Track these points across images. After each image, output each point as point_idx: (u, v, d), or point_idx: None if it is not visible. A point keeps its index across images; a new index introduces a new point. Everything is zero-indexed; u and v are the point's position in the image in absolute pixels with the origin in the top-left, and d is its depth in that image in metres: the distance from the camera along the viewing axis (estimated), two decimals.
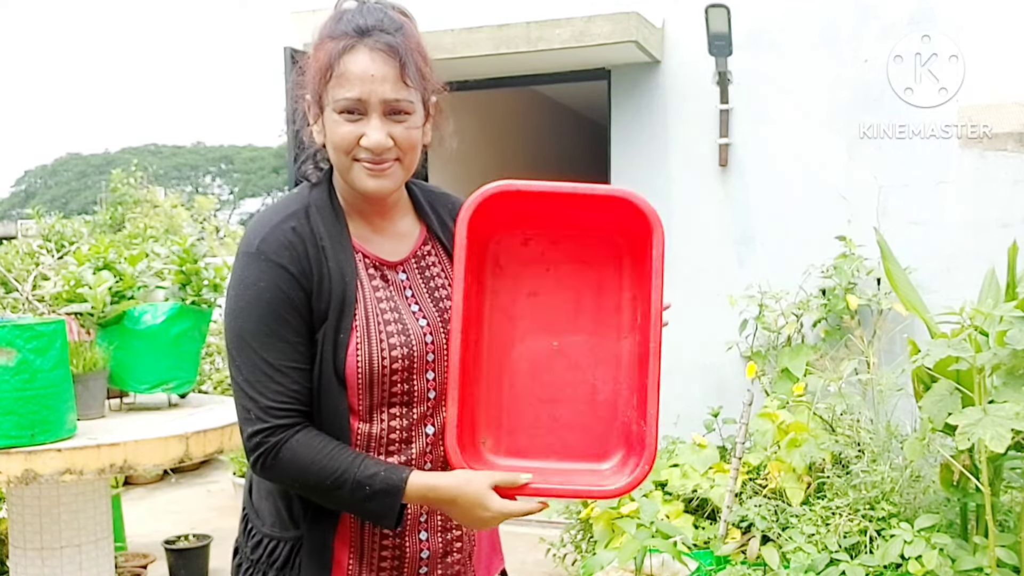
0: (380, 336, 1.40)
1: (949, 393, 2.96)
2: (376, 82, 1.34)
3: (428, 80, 1.42)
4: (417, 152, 1.43)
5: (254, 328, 1.36)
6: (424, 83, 1.40)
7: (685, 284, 4.80)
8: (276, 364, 1.36)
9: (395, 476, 1.35)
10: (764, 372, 4.37)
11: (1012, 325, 2.84)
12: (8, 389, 2.38)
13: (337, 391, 1.39)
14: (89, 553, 2.83)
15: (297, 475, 1.36)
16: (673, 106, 4.82)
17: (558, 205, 1.45)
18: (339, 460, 1.35)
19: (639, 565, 3.31)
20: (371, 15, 1.37)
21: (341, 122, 1.36)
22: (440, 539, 1.49)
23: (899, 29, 4.41)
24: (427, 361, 1.45)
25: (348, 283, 1.40)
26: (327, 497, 1.38)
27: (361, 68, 1.34)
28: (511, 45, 4.52)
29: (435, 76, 1.44)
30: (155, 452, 2.60)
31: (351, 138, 1.36)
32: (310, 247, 1.39)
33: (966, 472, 3.04)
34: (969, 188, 4.36)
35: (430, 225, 1.54)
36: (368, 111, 1.35)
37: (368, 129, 1.35)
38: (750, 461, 3.83)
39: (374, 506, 1.35)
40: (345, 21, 1.38)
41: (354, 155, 1.37)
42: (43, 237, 6.26)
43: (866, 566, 3.18)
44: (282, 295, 1.36)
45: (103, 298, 2.88)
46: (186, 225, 9.42)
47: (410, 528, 1.46)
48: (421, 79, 1.39)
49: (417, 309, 1.46)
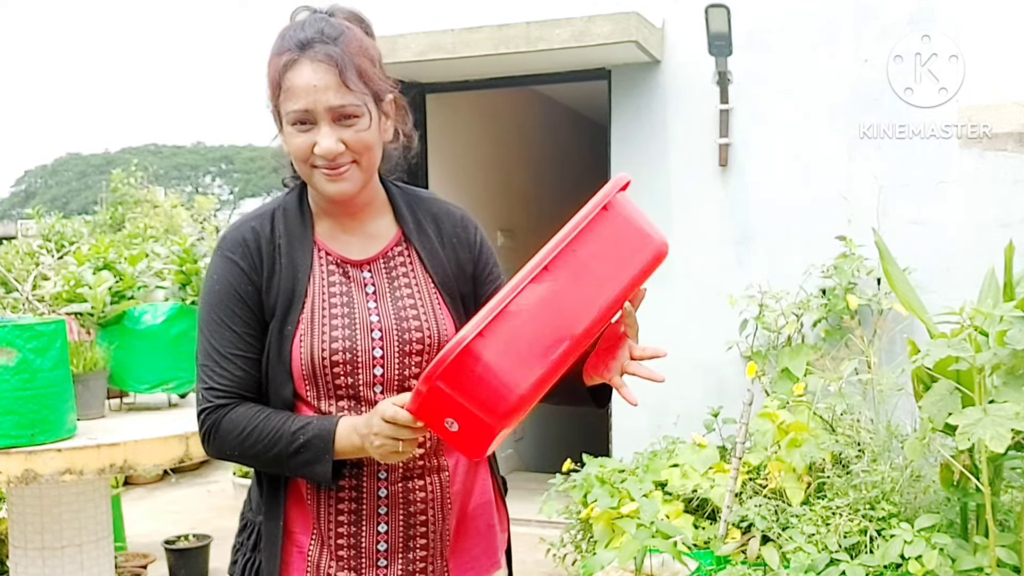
0: (323, 329, 1.46)
1: (949, 393, 2.96)
2: (319, 92, 1.40)
3: (375, 81, 1.45)
4: (373, 152, 1.47)
5: (206, 316, 1.49)
6: (370, 85, 1.44)
7: (685, 284, 4.80)
8: (223, 351, 1.47)
9: (326, 421, 1.43)
10: (764, 372, 4.37)
11: (1012, 325, 2.84)
12: (8, 389, 2.38)
13: (284, 381, 1.47)
14: (89, 553, 2.83)
15: (237, 444, 1.45)
16: (673, 106, 4.82)
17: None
18: (272, 420, 1.44)
19: (639, 565, 3.31)
20: (311, 27, 1.43)
21: (295, 133, 1.44)
22: (400, 533, 1.50)
23: (899, 29, 4.41)
24: (374, 356, 1.47)
25: (299, 279, 1.49)
26: (269, 460, 1.45)
27: (304, 80, 1.40)
28: (511, 45, 4.52)
29: (384, 75, 1.48)
30: (155, 452, 2.60)
31: (305, 147, 1.43)
32: (264, 244, 1.50)
33: (966, 472, 3.04)
34: (969, 188, 4.36)
35: (406, 228, 1.57)
36: (317, 120, 1.42)
37: (319, 137, 1.41)
38: (750, 461, 3.82)
39: (309, 455, 1.41)
40: (287, 37, 1.44)
41: (311, 162, 1.44)
42: (43, 237, 6.27)
43: (866, 566, 3.18)
44: (231, 288, 1.48)
45: (103, 298, 2.89)
46: (186, 225, 9.41)
47: (367, 518, 1.49)
48: (365, 82, 1.43)
49: (374, 306, 1.50)
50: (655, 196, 4.85)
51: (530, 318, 1.29)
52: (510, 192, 6.72)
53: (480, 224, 1.63)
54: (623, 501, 3.68)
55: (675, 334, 4.81)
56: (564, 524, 4.00)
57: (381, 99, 1.47)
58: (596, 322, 1.35)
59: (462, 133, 5.99)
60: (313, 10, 1.48)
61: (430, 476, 1.52)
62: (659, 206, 4.85)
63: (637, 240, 1.38)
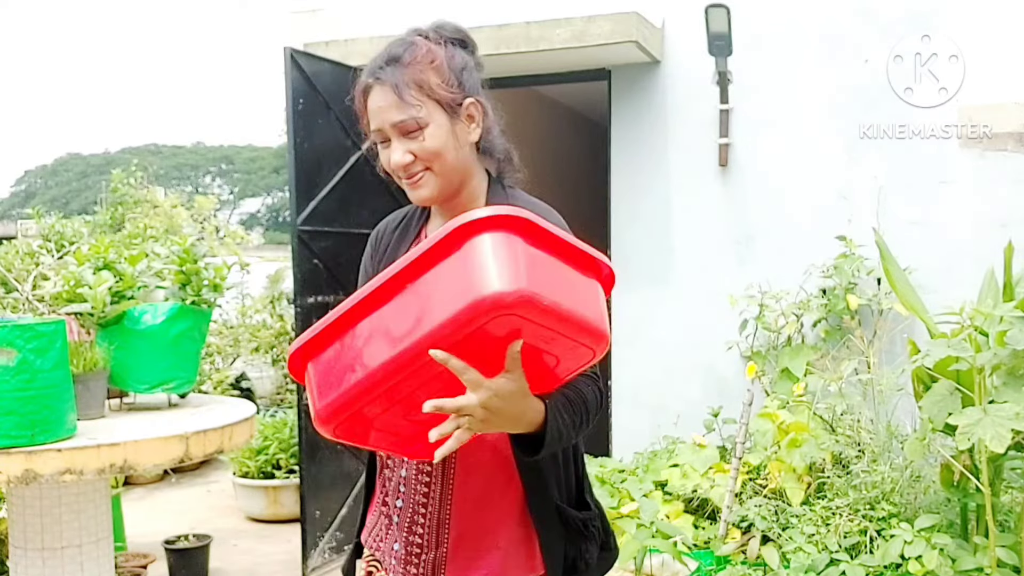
0: None
1: (949, 393, 2.96)
2: (384, 112, 1.53)
3: (439, 90, 1.53)
4: (444, 157, 1.53)
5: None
6: (434, 94, 1.52)
7: (685, 284, 4.80)
8: None
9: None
10: (764, 372, 4.37)
11: (1012, 325, 2.84)
12: (8, 389, 2.38)
13: None
14: (89, 553, 2.83)
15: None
16: (673, 106, 4.82)
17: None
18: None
19: (639, 565, 3.31)
20: (383, 54, 1.57)
21: (380, 150, 1.58)
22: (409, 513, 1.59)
23: (899, 29, 4.42)
24: None
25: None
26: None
27: (373, 104, 1.55)
28: (511, 45, 4.52)
29: (459, 82, 1.56)
30: (155, 452, 2.60)
31: (386, 162, 1.57)
32: (386, 236, 1.70)
33: (966, 472, 3.04)
34: (969, 188, 4.36)
35: None
36: (389, 136, 1.54)
37: (391, 152, 1.54)
38: (750, 461, 3.82)
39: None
40: (368, 66, 1.59)
41: (397, 174, 1.57)
42: (43, 237, 6.26)
43: (866, 566, 3.18)
44: (363, 271, 1.72)
45: (103, 298, 2.88)
46: (186, 225, 9.40)
47: (392, 491, 1.64)
48: (427, 94, 1.52)
49: None
50: (655, 196, 4.85)
51: (348, 342, 1.30)
52: None
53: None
54: (623, 501, 3.69)
55: (675, 334, 4.81)
56: None
57: (452, 106, 1.54)
58: (393, 364, 1.25)
59: None
60: (417, 30, 1.63)
61: (438, 471, 1.54)
62: (659, 206, 4.85)
63: (464, 286, 1.22)
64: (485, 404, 1.27)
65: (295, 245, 4.32)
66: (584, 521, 1.56)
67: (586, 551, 1.56)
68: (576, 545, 1.55)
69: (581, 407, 1.44)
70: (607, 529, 1.63)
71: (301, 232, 4.32)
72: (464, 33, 1.65)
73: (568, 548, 1.55)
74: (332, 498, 4.48)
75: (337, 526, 4.52)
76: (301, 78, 4.37)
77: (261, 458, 5.32)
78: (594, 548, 1.58)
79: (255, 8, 69.22)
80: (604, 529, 1.62)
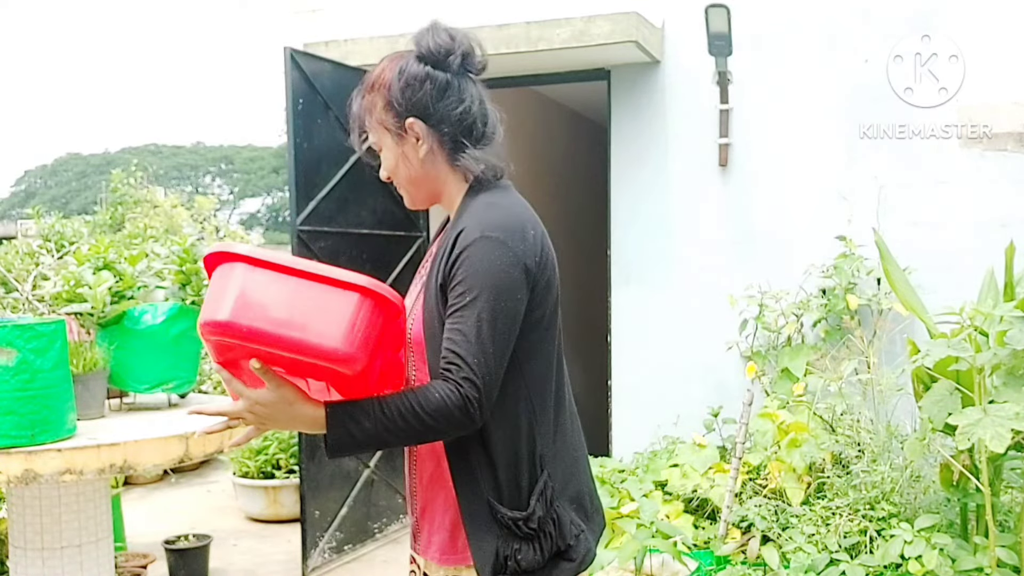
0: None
1: (949, 393, 2.96)
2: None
3: (383, 113, 1.64)
4: (398, 175, 1.68)
5: None
6: (380, 117, 1.65)
7: (685, 284, 4.80)
8: None
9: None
10: (764, 372, 4.37)
11: (1012, 325, 2.84)
12: (8, 389, 2.38)
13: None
14: (89, 553, 2.83)
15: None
16: (673, 106, 4.82)
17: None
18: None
19: (639, 565, 3.31)
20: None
21: None
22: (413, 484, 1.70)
23: (899, 29, 4.42)
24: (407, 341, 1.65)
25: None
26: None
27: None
28: (511, 45, 4.52)
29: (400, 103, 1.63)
30: (155, 452, 2.60)
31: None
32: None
33: (966, 472, 3.04)
34: (969, 188, 4.36)
35: (442, 230, 1.76)
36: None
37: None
38: (750, 461, 3.82)
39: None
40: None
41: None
42: (43, 237, 6.26)
43: (866, 566, 3.18)
44: None
45: (103, 298, 2.89)
46: (186, 225, 9.41)
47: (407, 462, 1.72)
48: (376, 119, 1.65)
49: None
50: (655, 196, 4.85)
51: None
52: None
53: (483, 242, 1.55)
54: (623, 501, 3.69)
55: (675, 334, 4.81)
56: None
57: (394, 129, 1.64)
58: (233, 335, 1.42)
59: None
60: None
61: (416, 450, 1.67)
62: (659, 206, 4.85)
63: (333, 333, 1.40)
64: (249, 410, 1.49)
65: (295, 245, 4.32)
66: (515, 520, 1.56)
67: (519, 551, 1.56)
68: (509, 544, 1.56)
69: (400, 412, 1.48)
70: (569, 537, 1.60)
71: (301, 232, 4.32)
72: (441, 43, 1.68)
73: (500, 545, 1.57)
74: (332, 498, 4.48)
75: (337, 526, 4.52)
76: (301, 78, 4.37)
77: (261, 458, 5.32)
78: (531, 551, 1.57)
79: (255, 8, 69.30)
80: (562, 536, 1.59)
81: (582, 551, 1.62)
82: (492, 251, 1.53)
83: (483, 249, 1.53)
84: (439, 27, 1.71)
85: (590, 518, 1.67)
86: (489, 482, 1.57)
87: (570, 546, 1.60)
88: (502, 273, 1.52)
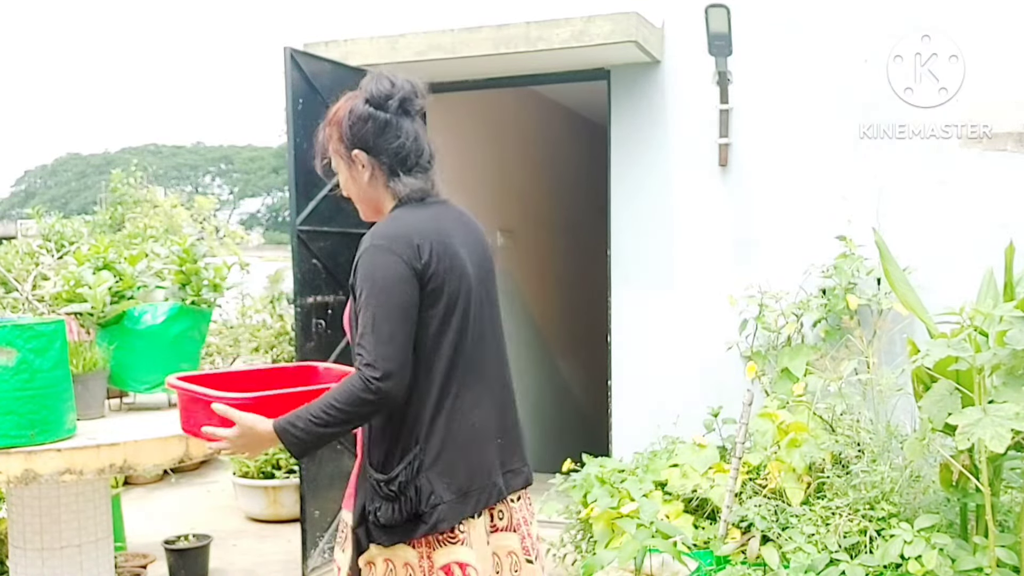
0: None
1: (949, 393, 2.96)
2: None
3: (335, 143, 2.06)
4: (350, 193, 2.09)
5: None
6: (335, 146, 2.06)
7: (685, 284, 4.80)
8: None
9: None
10: (764, 372, 4.37)
11: (1012, 325, 2.84)
12: (8, 389, 2.38)
13: None
14: (89, 553, 2.83)
15: None
16: (673, 106, 4.82)
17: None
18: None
19: (639, 565, 3.31)
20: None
21: None
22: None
23: (899, 29, 4.42)
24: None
25: None
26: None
27: None
28: (511, 45, 4.52)
29: (347, 135, 2.03)
30: (155, 452, 2.60)
31: None
32: None
33: (966, 472, 3.04)
34: (969, 188, 4.36)
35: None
36: None
37: None
38: (750, 461, 3.82)
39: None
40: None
41: None
42: (43, 237, 6.26)
43: (866, 566, 3.18)
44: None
45: (103, 298, 2.89)
46: (186, 225, 9.40)
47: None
48: (332, 146, 2.07)
49: None
50: (655, 196, 4.85)
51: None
52: (509, 192, 6.71)
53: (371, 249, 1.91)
54: (623, 501, 3.69)
55: (675, 334, 4.81)
56: (564, 524, 4.00)
57: (344, 156, 2.05)
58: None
59: (462, 133, 5.98)
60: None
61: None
62: (659, 206, 4.85)
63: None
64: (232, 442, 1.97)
65: (295, 245, 4.32)
66: (379, 482, 1.91)
67: (379, 508, 1.91)
68: (373, 500, 1.93)
69: (322, 410, 1.85)
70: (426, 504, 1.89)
71: (301, 232, 4.32)
72: (382, 89, 2.03)
73: (367, 500, 1.94)
74: (332, 498, 4.48)
75: (337, 526, 4.52)
76: (301, 78, 4.37)
77: (261, 458, 5.32)
78: (389, 509, 1.90)
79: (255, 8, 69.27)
80: (419, 501, 1.89)
81: (436, 518, 1.90)
82: (376, 256, 1.89)
83: (370, 255, 1.90)
84: (383, 76, 2.06)
85: (464, 495, 1.93)
86: (371, 449, 1.95)
87: (426, 512, 1.89)
88: (385, 272, 1.87)
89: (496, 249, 6.50)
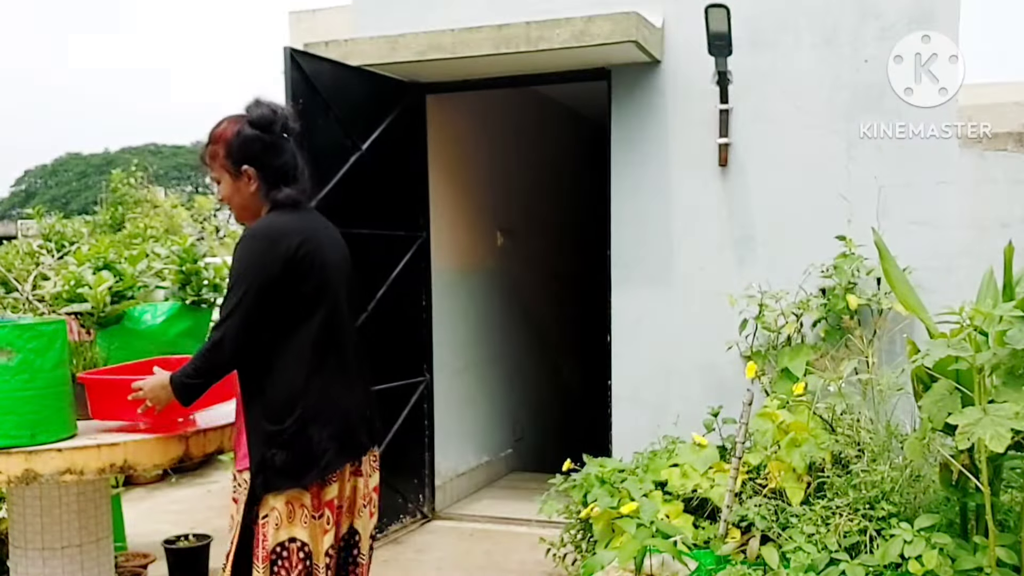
0: None
1: (949, 393, 2.96)
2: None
3: (223, 160, 2.47)
4: (231, 202, 2.52)
5: None
6: (222, 164, 2.48)
7: (685, 284, 4.80)
8: None
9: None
10: (764, 372, 4.36)
11: (1012, 325, 2.84)
12: (8, 389, 2.38)
13: None
14: (89, 553, 2.83)
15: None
16: (673, 106, 4.82)
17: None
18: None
19: (639, 565, 3.31)
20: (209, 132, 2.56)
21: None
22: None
23: (899, 29, 4.41)
24: None
25: None
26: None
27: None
28: (511, 45, 4.52)
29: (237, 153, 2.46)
30: (155, 452, 2.60)
31: None
32: None
33: (966, 472, 3.04)
34: (969, 188, 4.35)
35: None
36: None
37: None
38: (750, 461, 3.82)
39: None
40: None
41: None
42: (43, 237, 6.25)
43: (866, 566, 3.18)
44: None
45: (103, 298, 2.89)
46: (186, 225, 9.41)
47: None
48: (217, 163, 2.48)
49: None
50: (655, 196, 4.85)
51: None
52: (510, 192, 6.71)
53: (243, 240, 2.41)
54: (623, 501, 3.69)
55: (675, 334, 4.81)
56: (564, 524, 4.00)
57: (231, 170, 2.46)
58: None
59: (462, 133, 5.98)
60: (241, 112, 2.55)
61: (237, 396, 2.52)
62: (659, 206, 4.85)
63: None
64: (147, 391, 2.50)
65: None
66: (274, 432, 2.33)
67: (276, 455, 2.32)
68: (270, 448, 2.33)
69: (193, 363, 2.41)
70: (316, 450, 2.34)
71: None
72: (265, 115, 2.45)
73: (264, 449, 2.33)
74: None
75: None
76: (301, 78, 4.37)
77: None
78: (284, 454, 2.32)
79: (254, 8, 69.08)
80: (309, 448, 2.33)
81: (325, 461, 2.36)
82: (245, 247, 2.37)
83: (241, 246, 2.38)
84: (263, 102, 2.48)
85: (344, 442, 2.42)
86: (260, 408, 2.36)
87: (316, 456, 2.34)
88: (250, 259, 2.35)
89: (497, 248, 6.50)
